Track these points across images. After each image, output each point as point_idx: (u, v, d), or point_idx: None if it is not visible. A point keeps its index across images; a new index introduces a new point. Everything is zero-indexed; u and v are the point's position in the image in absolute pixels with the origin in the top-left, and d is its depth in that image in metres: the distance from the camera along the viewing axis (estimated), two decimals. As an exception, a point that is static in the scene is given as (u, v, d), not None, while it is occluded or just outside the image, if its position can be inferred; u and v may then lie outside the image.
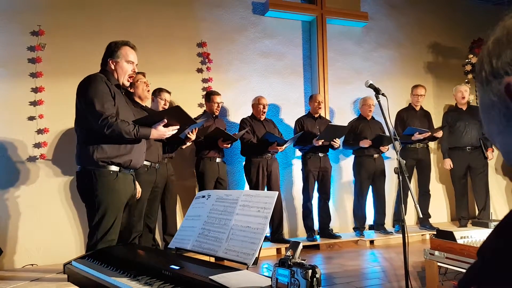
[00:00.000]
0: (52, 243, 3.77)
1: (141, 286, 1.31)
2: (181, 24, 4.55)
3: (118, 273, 1.49)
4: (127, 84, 2.46)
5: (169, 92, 3.86)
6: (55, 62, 3.94)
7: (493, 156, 5.09)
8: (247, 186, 4.36)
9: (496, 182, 5.74)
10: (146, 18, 4.37)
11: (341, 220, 5.05)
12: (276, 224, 4.28)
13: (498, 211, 5.63)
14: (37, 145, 3.83)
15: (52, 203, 3.83)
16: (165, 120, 2.37)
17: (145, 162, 3.16)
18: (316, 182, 4.52)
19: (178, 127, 2.46)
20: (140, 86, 3.37)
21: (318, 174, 4.48)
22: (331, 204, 4.69)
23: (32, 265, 3.67)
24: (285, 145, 4.17)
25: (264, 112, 4.35)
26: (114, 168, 2.31)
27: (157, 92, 3.82)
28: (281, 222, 4.34)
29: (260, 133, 4.24)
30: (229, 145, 4.03)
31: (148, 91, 3.46)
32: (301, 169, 4.58)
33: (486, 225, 4.57)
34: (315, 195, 4.56)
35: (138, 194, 3.09)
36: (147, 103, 3.66)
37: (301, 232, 4.72)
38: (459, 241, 2.27)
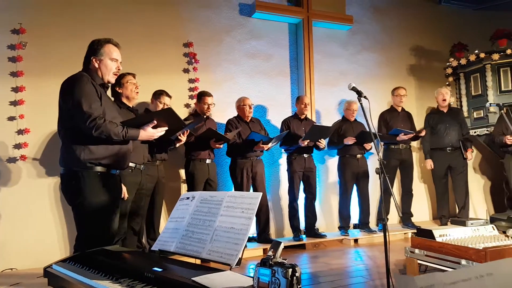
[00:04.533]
0: (34, 247, 3.69)
1: (124, 289, 1.31)
2: (167, 24, 4.53)
3: (100, 276, 1.48)
4: (113, 81, 2.43)
5: (169, 96, 3.83)
6: (36, 61, 3.88)
7: (472, 157, 5.23)
8: (233, 188, 4.37)
9: (475, 181, 5.89)
10: (131, 18, 4.34)
11: (327, 219, 5.11)
12: (262, 224, 4.30)
13: (477, 209, 5.77)
14: (18, 146, 3.76)
15: (34, 205, 3.77)
16: (155, 122, 2.35)
17: (130, 164, 3.14)
18: (301, 182, 4.56)
19: (166, 128, 2.44)
20: (129, 87, 3.34)
21: (303, 174, 4.52)
22: (317, 204, 4.74)
23: (11, 269, 3.60)
24: (270, 144, 4.18)
25: (250, 113, 4.36)
26: (101, 169, 2.28)
27: (157, 95, 3.80)
28: (268, 222, 4.36)
29: (245, 134, 4.25)
30: (221, 145, 4.03)
31: (137, 92, 3.43)
32: (287, 170, 4.61)
33: (463, 224, 4.68)
34: (302, 195, 4.60)
35: (124, 195, 3.07)
36: (134, 103, 3.63)
37: (288, 232, 4.75)
38: (438, 239, 2.33)
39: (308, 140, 4.34)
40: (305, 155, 4.52)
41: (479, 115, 5.42)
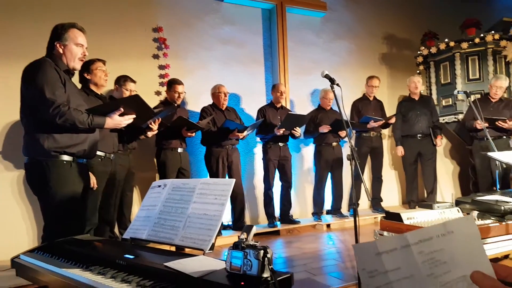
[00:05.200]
0: (1, 240, 3.56)
1: (94, 276, 1.29)
2: (135, 8, 4.40)
3: (70, 264, 1.45)
4: (78, 67, 2.35)
5: (134, 81, 3.73)
6: (-2, 46, 3.70)
7: (442, 143, 5.40)
8: (208, 176, 4.35)
9: (444, 167, 6.10)
10: (98, 1, 4.18)
11: (301, 206, 5.18)
12: (238, 212, 4.31)
13: (444, 194, 6.00)
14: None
15: None
16: (122, 109, 2.30)
17: (99, 153, 3.06)
18: (276, 171, 4.59)
19: (134, 116, 2.39)
20: (98, 73, 3.23)
21: (278, 163, 4.55)
22: (292, 191, 4.79)
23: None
24: (245, 132, 4.17)
25: (226, 100, 4.33)
26: (67, 158, 2.22)
27: (122, 81, 3.67)
28: (243, 210, 4.38)
29: (220, 122, 4.21)
30: (194, 133, 3.98)
31: (106, 79, 3.33)
32: (262, 158, 4.63)
33: (430, 207, 4.86)
34: (278, 183, 4.63)
35: (94, 185, 3.00)
36: (103, 91, 3.53)
37: (263, 219, 4.79)
38: (406, 222, 2.40)
39: (284, 129, 4.36)
40: (281, 144, 4.55)
41: (448, 103, 5.59)
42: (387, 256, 0.59)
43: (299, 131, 4.54)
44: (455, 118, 5.48)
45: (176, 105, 4.04)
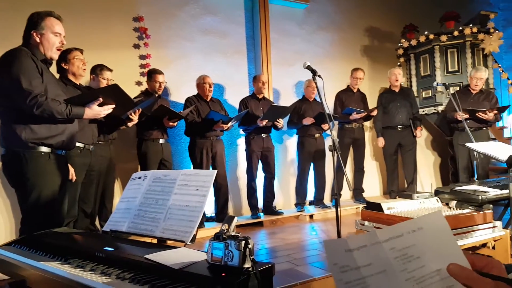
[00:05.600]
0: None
1: (73, 269, 1.27)
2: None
3: (48, 257, 1.43)
4: (56, 57, 2.30)
5: (110, 70, 3.65)
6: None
7: (421, 135, 5.50)
8: (192, 167, 4.31)
9: (423, 158, 6.22)
10: (77, -11, 4.07)
11: (285, 197, 5.21)
12: (221, 204, 4.31)
13: (424, 184, 6.13)
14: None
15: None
16: (100, 99, 2.25)
17: (78, 144, 3.00)
18: (260, 162, 4.60)
19: (113, 106, 2.35)
20: (76, 63, 3.15)
21: (262, 154, 4.55)
22: (275, 182, 4.81)
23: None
24: (230, 123, 4.15)
25: (210, 91, 4.29)
26: (45, 149, 2.18)
27: (98, 70, 3.59)
28: (226, 202, 4.37)
29: (205, 113, 4.18)
30: (175, 123, 3.94)
31: (84, 69, 3.26)
32: (245, 149, 4.62)
33: (410, 197, 4.99)
34: (261, 174, 4.64)
35: (72, 177, 2.94)
36: (82, 81, 3.45)
37: (246, 211, 4.80)
38: (386, 212, 2.45)
39: (267, 120, 4.36)
40: (264, 135, 4.54)
41: (428, 95, 5.69)
42: (358, 253, 0.59)
43: (281, 122, 4.54)
44: (435, 109, 5.58)
45: (157, 95, 3.99)
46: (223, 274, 1.06)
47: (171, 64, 4.56)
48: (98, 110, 2.27)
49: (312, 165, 4.95)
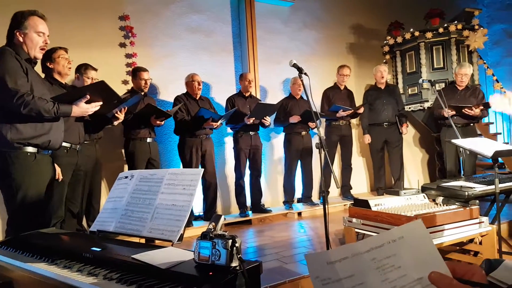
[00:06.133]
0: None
1: (60, 270, 1.26)
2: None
3: (35, 258, 1.42)
4: (40, 56, 2.28)
5: (95, 69, 3.62)
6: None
7: (407, 131, 5.57)
8: (181, 166, 4.30)
9: (410, 154, 6.30)
10: (61, -13, 4.01)
11: (273, 195, 5.23)
12: (209, 202, 4.30)
13: (411, 180, 6.22)
14: None
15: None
16: (88, 96, 2.25)
17: (65, 144, 2.97)
18: (247, 160, 4.60)
19: (101, 103, 2.35)
20: (61, 62, 3.12)
21: (249, 152, 4.56)
22: (263, 180, 4.82)
23: None
24: (219, 121, 4.15)
25: (199, 90, 4.28)
26: (31, 149, 2.16)
27: (82, 69, 3.56)
28: (215, 200, 4.36)
29: (194, 112, 4.16)
30: (163, 122, 3.92)
31: (70, 68, 3.23)
32: (233, 148, 4.62)
33: (397, 193, 5.05)
34: (248, 172, 4.65)
35: (59, 177, 2.91)
36: (67, 80, 3.41)
37: (234, 209, 4.81)
38: (374, 208, 2.48)
39: (254, 118, 4.36)
40: (251, 133, 4.55)
41: (414, 92, 5.76)
42: (340, 265, 0.60)
43: (268, 120, 4.55)
44: (421, 106, 5.66)
45: (143, 93, 3.96)
46: (210, 273, 1.07)
47: (157, 62, 4.53)
48: (86, 107, 2.27)
49: (299, 162, 4.97)
